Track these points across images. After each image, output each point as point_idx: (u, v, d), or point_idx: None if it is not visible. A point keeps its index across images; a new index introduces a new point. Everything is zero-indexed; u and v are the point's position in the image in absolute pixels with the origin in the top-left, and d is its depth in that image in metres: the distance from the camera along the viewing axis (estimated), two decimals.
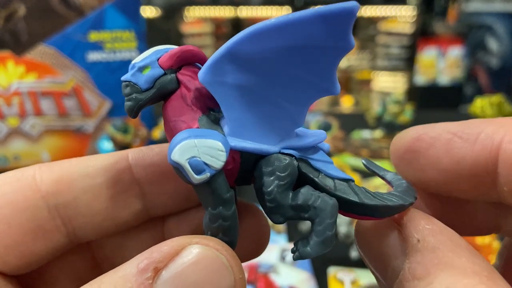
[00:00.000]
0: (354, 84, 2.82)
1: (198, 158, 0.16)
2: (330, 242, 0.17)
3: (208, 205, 0.17)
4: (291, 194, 0.17)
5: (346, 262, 0.60)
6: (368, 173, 1.00)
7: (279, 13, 2.55)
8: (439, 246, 0.15)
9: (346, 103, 2.75)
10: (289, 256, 0.62)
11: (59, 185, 0.19)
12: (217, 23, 2.61)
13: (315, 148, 0.18)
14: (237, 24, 2.62)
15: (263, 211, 0.18)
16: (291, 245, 0.69)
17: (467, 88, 2.65)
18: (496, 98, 0.93)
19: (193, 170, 0.16)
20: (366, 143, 1.08)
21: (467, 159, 0.16)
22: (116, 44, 0.90)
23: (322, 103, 2.69)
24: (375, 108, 1.28)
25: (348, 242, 0.61)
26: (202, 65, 0.17)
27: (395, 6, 2.54)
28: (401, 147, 0.18)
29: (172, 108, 0.17)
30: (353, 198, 0.17)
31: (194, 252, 0.15)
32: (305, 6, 2.52)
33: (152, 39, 0.99)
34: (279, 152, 0.17)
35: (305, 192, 0.17)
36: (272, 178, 0.17)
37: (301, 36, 0.15)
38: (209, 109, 0.18)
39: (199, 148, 0.16)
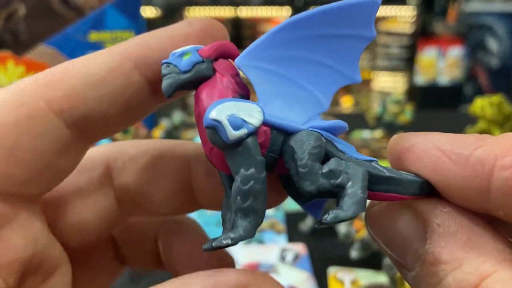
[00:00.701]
0: (354, 84, 2.82)
1: (237, 115, 0.17)
2: (363, 204, 0.17)
3: (241, 166, 0.17)
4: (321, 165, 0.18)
5: (346, 262, 0.60)
6: None
7: (279, 13, 2.55)
8: (461, 229, 0.15)
9: (346, 103, 2.75)
10: (289, 256, 0.63)
11: (70, 101, 0.18)
12: None
13: (337, 137, 0.19)
14: (237, 24, 2.62)
15: (295, 180, 0.18)
16: (291, 245, 0.69)
17: (467, 88, 2.66)
18: (496, 98, 0.92)
19: (231, 126, 0.16)
20: (366, 143, 1.08)
21: (457, 181, 0.16)
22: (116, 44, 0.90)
23: None
24: (375, 108, 1.28)
25: (348, 242, 0.61)
26: (233, 57, 0.19)
27: (395, 6, 2.54)
28: (392, 154, 0.18)
29: (207, 90, 0.18)
30: (380, 172, 0.18)
31: None
32: (305, 6, 2.52)
33: None
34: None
35: (335, 160, 0.18)
36: (303, 147, 0.17)
37: (329, 25, 0.17)
38: (240, 95, 0.19)
39: (238, 107, 0.17)
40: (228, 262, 0.24)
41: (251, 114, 0.17)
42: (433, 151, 0.16)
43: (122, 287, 0.57)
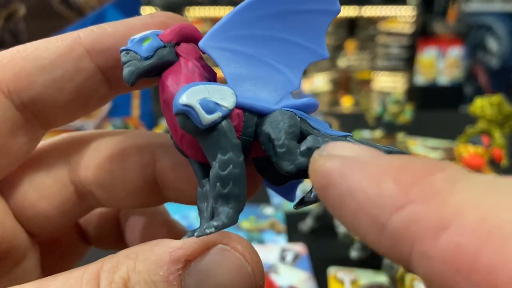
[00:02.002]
0: (354, 84, 2.82)
1: (208, 99, 0.16)
2: None
3: (217, 151, 0.16)
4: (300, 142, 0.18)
5: (346, 262, 0.60)
6: None
7: None
8: None
9: (346, 103, 2.75)
10: (289, 256, 0.63)
11: (18, 82, 0.18)
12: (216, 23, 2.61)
13: (310, 115, 0.19)
14: None
15: (274, 161, 0.17)
16: (291, 245, 0.69)
17: (467, 88, 2.66)
18: (496, 98, 0.92)
19: (204, 110, 0.16)
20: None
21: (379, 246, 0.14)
22: None
23: (322, 103, 2.69)
24: (375, 108, 1.28)
25: (348, 242, 0.61)
26: (196, 42, 0.18)
27: (395, 6, 2.54)
28: (315, 180, 0.15)
29: (172, 76, 0.17)
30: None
31: (222, 254, 0.16)
32: None
33: None
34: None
35: (312, 138, 0.17)
36: (279, 126, 0.17)
37: (293, 0, 0.17)
38: (207, 79, 0.18)
39: (209, 90, 0.16)
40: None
41: (224, 96, 0.16)
42: (350, 202, 0.13)
43: None
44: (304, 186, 0.34)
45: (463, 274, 0.09)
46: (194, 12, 2.54)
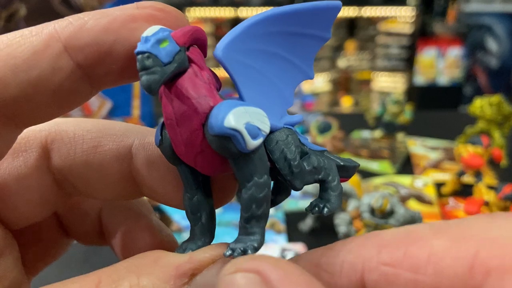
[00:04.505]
0: (354, 84, 2.82)
1: (251, 123, 0.16)
2: (342, 195, 0.19)
3: (254, 175, 0.17)
4: (304, 160, 0.19)
5: None
6: (368, 173, 1.00)
7: None
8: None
9: (346, 103, 2.75)
10: (289, 255, 0.63)
11: None
12: (217, 23, 2.61)
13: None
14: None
15: (285, 180, 0.18)
16: (291, 245, 0.69)
17: (467, 88, 2.66)
18: (495, 98, 0.93)
19: (250, 135, 0.16)
20: (365, 143, 1.08)
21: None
22: None
23: (322, 103, 2.69)
24: (375, 108, 1.28)
25: None
26: (203, 49, 0.18)
27: (394, 7, 2.54)
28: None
29: (190, 86, 0.16)
30: (337, 163, 0.20)
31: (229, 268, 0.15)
32: None
33: None
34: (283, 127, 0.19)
35: (315, 157, 0.19)
36: (291, 147, 0.18)
37: (297, 23, 0.18)
38: (217, 89, 0.18)
39: (249, 114, 0.16)
40: (171, 243, 0.23)
41: (261, 120, 0.16)
42: (312, 268, 0.16)
43: None
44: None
45: None
46: (195, 12, 2.55)
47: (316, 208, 0.19)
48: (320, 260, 0.16)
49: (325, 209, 0.19)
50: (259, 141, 0.16)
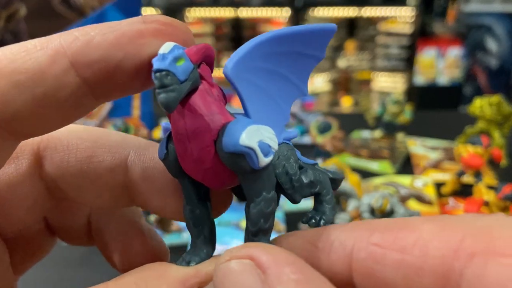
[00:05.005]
0: (354, 85, 2.83)
1: (264, 141, 0.17)
2: (336, 208, 0.21)
3: (263, 190, 0.17)
4: (302, 174, 0.19)
5: None
6: (368, 173, 1.00)
7: (279, 14, 2.55)
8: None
9: (346, 103, 2.75)
10: None
11: None
12: (217, 23, 2.61)
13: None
14: (237, 25, 2.63)
15: (286, 193, 0.19)
16: None
17: (466, 88, 2.66)
18: (495, 98, 0.93)
19: (262, 152, 0.16)
20: (365, 143, 1.08)
21: (324, 269, 0.16)
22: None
23: (322, 103, 2.69)
24: (375, 108, 1.28)
25: None
26: (211, 66, 0.18)
27: (394, 7, 2.54)
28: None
29: (203, 103, 0.17)
30: (328, 175, 0.21)
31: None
32: (304, 7, 2.52)
33: None
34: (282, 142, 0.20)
35: (311, 171, 0.20)
36: (291, 161, 0.19)
37: (296, 43, 0.19)
38: (224, 104, 0.18)
39: (262, 132, 0.17)
40: (161, 248, 0.23)
41: (271, 138, 0.17)
42: (305, 246, 0.17)
43: None
44: None
45: None
46: (195, 13, 2.55)
47: (313, 220, 0.20)
48: (313, 237, 0.17)
49: (322, 221, 0.20)
50: (270, 158, 0.17)
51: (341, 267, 0.16)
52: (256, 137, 0.16)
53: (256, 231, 0.18)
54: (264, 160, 0.16)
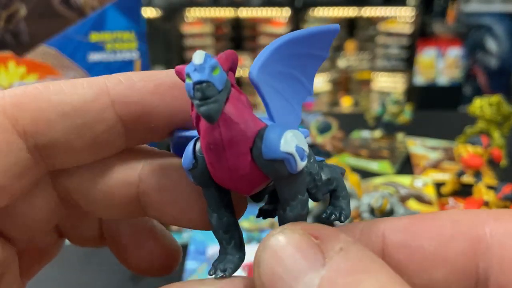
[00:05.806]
0: (354, 85, 2.83)
1: (299, 145, 0.17)
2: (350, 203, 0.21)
3: (299, 193, 0.18)
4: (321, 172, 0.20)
5: None
6: (368, 173, 1.00)
7: (279, 14, 2.55)
8: (360, 253, 0.15)
9: (346, 103, 2.75)
10: None
11: (36, 125, 0.17)
12: (217, 23, 2.61)
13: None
14: (237, 25, 2.63)
15: (312, 192, 0.19)
16: None
17: (466, 89, 2.66)
18: (495, 98, 0.93)
19: (299, 157, 0.17)
20: (365, 143, 1.08)
21: None
22: (116, 44, 0.91)
23: (322, 103, 2.69)
24: (375, 108, 1.28)
25: None
26: (235, 72, 0.18)
27: (394, 7, 2.54)
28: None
29: (237, 111, 0.17)
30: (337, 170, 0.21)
31: None
32: (305, 7, 2.52)
33: (153, 39, 1.00)
34: None
35: (326, 168, 0.20)
36: (312, 161, 0.19)
37: (306, 45, 0.19)
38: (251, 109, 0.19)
39: (296, 136, 0.17)
40: (176, 250, 0.23)
41: (304, 141, 0.17)
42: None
43: (122, 287, 0.57)
44: None
45: None
46: (195, 13, 2.55)
47: (333, 216, 0.20)
48: (360, 226, 0.19)
49: (342, 216, 0.20)
50: (305, 161, 0.17)
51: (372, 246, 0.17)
52: (293, 142, 0.17)
53: None
54: (301, 164, 0.17)
